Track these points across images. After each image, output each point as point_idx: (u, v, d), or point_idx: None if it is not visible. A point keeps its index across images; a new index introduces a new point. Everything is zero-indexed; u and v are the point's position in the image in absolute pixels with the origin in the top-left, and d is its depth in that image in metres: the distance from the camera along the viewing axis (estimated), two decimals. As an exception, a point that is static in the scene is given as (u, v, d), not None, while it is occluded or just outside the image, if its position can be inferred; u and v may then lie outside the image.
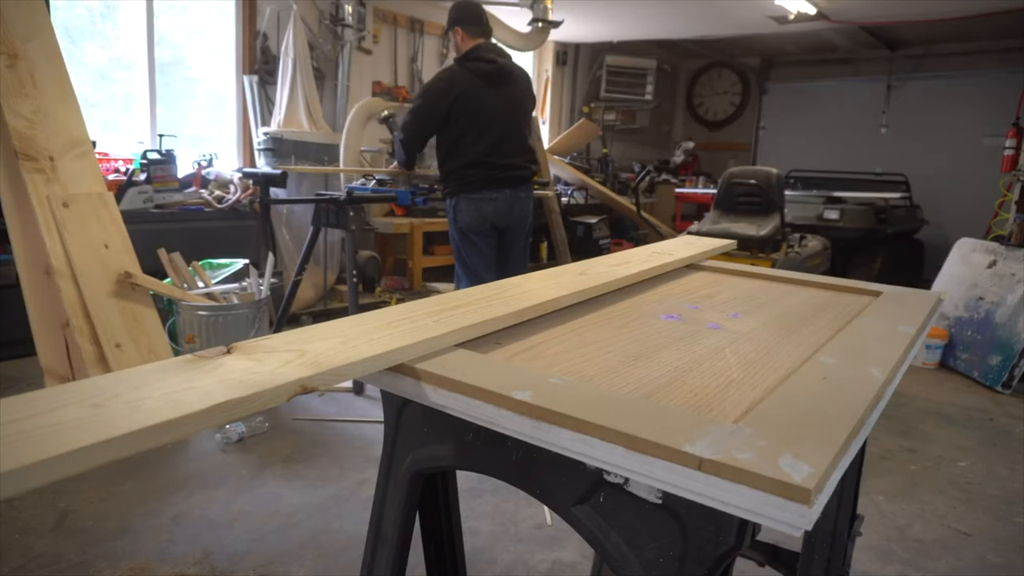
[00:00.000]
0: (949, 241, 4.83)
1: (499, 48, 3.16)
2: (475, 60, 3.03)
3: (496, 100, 3.05)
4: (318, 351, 0.67)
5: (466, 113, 3.00)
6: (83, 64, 4.14)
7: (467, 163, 3.05)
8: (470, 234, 3.11)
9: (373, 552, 0.86)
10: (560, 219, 5.79)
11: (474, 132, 3.03)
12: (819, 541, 1.10)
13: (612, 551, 0.63)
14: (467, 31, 3.07)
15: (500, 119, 3.07)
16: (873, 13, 5.70)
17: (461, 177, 3.07)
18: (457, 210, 3.10)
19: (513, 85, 3.13)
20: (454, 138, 3.04)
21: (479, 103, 3.01)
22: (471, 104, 3.00)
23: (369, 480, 2.38)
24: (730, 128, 8.89)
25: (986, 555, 2.12)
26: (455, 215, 3.11)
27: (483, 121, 3.03)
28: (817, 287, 1.27)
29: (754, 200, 4.79)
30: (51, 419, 0.49)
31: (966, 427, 3.18)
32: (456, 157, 3.07)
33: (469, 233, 3.11)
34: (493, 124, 3.05)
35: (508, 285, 1.04)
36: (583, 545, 2.01)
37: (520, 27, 5.38)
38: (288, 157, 4.36)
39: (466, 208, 3.07)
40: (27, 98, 2.53)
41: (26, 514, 2.08)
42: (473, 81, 3.01)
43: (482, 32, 3.09)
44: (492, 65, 3.03)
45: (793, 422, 0.61)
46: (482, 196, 3.06)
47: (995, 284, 4.06)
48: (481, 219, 3.08)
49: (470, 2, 3.14)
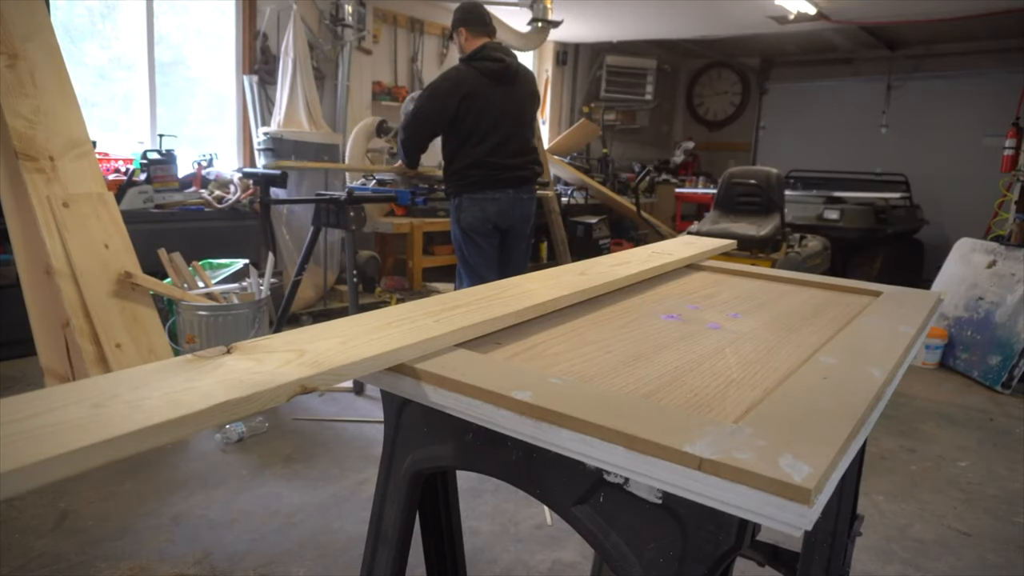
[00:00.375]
0: (949, 241, 4.83)
1: (505, 47, 3.15)
2: (482, 59, 3.02)
3: (502, 100, 3.05)
4: (318, 351, 0.67)
5: (472, 113, 2.98)
6: (83, 64, 4.14)
7: (471, 163, 3.04)
8: (473, 234, 3.10)
9: (373, 552, 0.86)
10: (560, 219, 5.79)
11: (480, 132, 3.01)
12: (819, 541, 1.10)
13: (612, 551, 0.63)
14: (471, 31, 3.06)
15: (506, 119, 3.06)
16: (873, 13, 5.70)
17: (464, 177, 3.06)
18: (460, 210, 3.09)
19: (519, 86, 3.13)
20: (460, 138, 3.03)
21: (486, 103, 3.00)
22: (478, 104, 2.98)
23: (369, 480, 2.38)
24: (730, 128, 8.89)
25: (986, 555, 2.12)
26: (458, 215, 3.11)
27: (489, 121, 3.02)
28: (817, 287, 1.27)
29: (754, 200, 4.79)
30: (51, 419, 0.49)
31: (966, 427, 3.18)
32: (461, 157, 3.05)
33: (472, 233, 3.10)
34: (499, 124, 3.04)
35: (508, 285, 1.04)
36: (583, 545, 2.01)
37: (520, 27, 5.37)
38: (288, 157, 4.36)
39: (469, 208, 3.07)
40: (27, 98, 2.53)
41: (26, 514, 2.08)
42: (480, 80, 3.00)
43: (486, 32, 3.08)
44: (499, 64, 3.02)
45: (793, 422, 0.61)
46: (485, 196, 3.06)
47: (995, 284, 4.06)
48: (484, 219, 3.08)
49: (473, 3, 3.14)
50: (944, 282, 4.45)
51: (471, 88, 2.97)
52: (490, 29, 3.11)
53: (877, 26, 6.40)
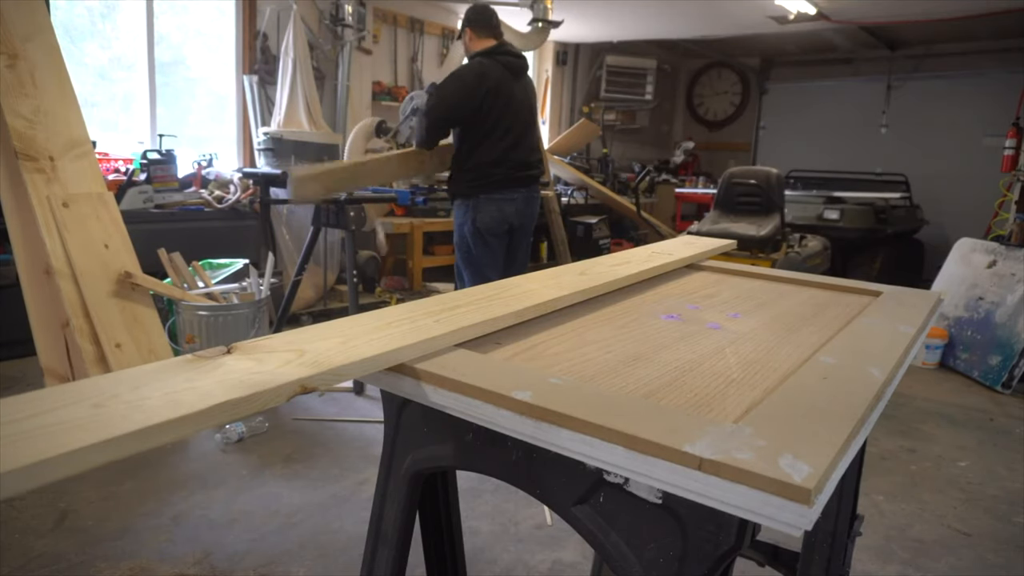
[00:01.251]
0: (949, 241, 4.83)
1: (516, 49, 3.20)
2: (503, 54, 3.05)
3: (521, 94, 3.09)
4: (318, 351, 0.67)
5: (497, 107, 2.98)
6: (83, 64, 4.14)
7: (493, 160, 3.01)
8: (488, 235, 3.07)
9: (373, 552, 0.86)
10: (560, 219, 5.79)
11: (502, 127, 3.01)
12: (819, 541, 1.10)
13: (612, 551, 0.63)
14: (475, 32, 3.10)
15: (521, 116, 3.08)
16: (873, 13, 5.70)
17: (485, 175, 3.03)
18: (477, 210, 3.04)
19: (528, 83, 3.19)
20: (482, 132, 3.02)
21: (510, 97, 3.02)
22: (502, 98, 2.99)
23: (369, 480, 2.38)
24: (730, 128, 8.89)
25: (986, 555, 2.12)
26: (474, 215, 3.05)
27: (511, 116, 3.02)
28: (817, 287, 1.27)
29: (754, 200, 4.79)
30: (51, 419, 0.49)
31: (966, 427, 3.18)
32: (482, 152, 3.02)
33: (487, 234, 3.06)
34: (516, 121, 3.06)
35: (508, 285, 1.04)
36: (583, 545, 2.01)
37: (520, 27, 5.38)
38: (288, 157, 4.36)
39: (487, 208, 3.03)
40: (27, 98, 2.53)
41: (26, 514, 2.08)
42: (504, 74, 3.02)
43: (492, 34, 3.11)
44: (519, 60, 3.09)
45: (793, 422, 0.61)
46: (503, 196, 3.04)
47: (995, 284, 4.06)
48: (502, 220, 3.06)
49: (482, 5, 3.19)
50: (944, 282, 4.45)
51: (496, 82, 2.98)
52: (496, 32, 3.13)
53: (877, 26, 6.40)
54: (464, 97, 2.96)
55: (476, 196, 3.05)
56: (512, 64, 3.04)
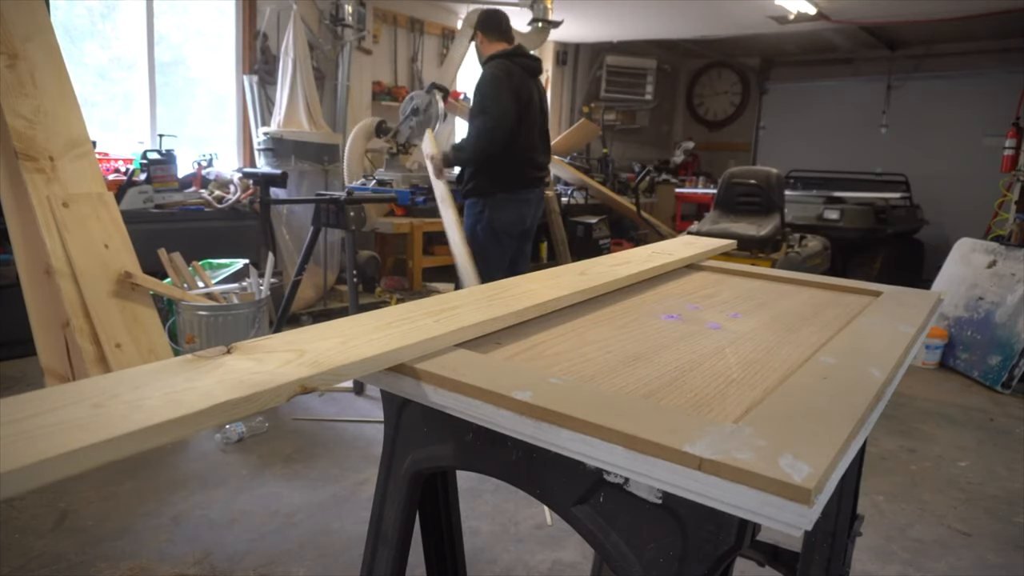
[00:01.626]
0: (949, 241, 4.83)
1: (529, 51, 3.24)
2: (520, 56, 3.10)
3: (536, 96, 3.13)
4: (318, 351, 0.67)
5: (522, 105, 3.02)
6: (83, 64, 4.14)
7: (517, 160, 3.03)
8: (503, 234, 3.07)
9: (373, 552, 0.86)
10: (560, 219, 5.79)
11: (526, 126, 3.05)
12: (819, 541, 1.10)
13: (612, 551, 0.63)
14: (486, 36, 3.16)
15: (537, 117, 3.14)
16: (873, 13, 5.70)
17: (509, 173, 3.03)
18: (495, 208, 3.04)
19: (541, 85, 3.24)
20: None
21: (529, 98, 3.06)
22: (525, 97, 3.03)
23: (369, 480, 2.38)
24: (730, 128, 8.89)
25: (986, 555, 2.12)
26: (492, 214, 3.04)
27: (531, 116, 3.07)
28: (817, 287, 1.27)
29: (754, 200, 4.79)
30: (51, 419, 0.49)
31: (966, 427, 3.18)
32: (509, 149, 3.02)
33: (503, 234, 3.07)
34: (534, 122, 3.11)
35: (508, 285, 1.04)
36: (583, 545, 2.01)
37: (520, 27, 5.37)
38: (288, 157, 4.36)
39: (507, 207, 3.04)
40: (27, 98, 2.53)
41: (26, 514, 2.08)
42: (523, 75, 3.07)
43: (503, 38, 3.16)
44: (536, 62, 3.13)
45: (793, 422, 0.61)
46: (520, 196, 3.07)
47: (995, 284, 4.06)
48: (519, 219, 3.08)
49: (494, 9, 3.24)
50: (944, 282, 4.45)
51: (520, 80, 3.03)
52: (508, 36, 3.18)
53: (877, 26, 6.40)
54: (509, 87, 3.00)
55: (494, 194, 3.04)
56: (529, 66, 3.10)
